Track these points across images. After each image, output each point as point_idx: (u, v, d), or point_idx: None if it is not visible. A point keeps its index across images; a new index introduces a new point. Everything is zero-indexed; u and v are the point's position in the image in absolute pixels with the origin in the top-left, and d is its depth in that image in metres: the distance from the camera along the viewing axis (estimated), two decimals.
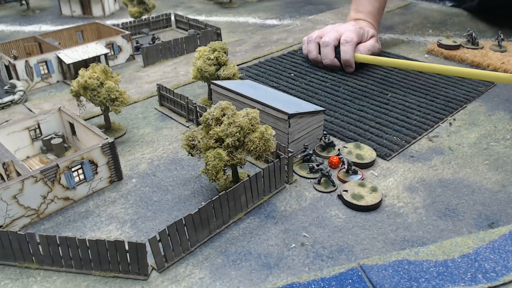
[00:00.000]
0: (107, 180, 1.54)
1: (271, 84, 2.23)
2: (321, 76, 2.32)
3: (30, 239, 1.18)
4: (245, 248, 1.27)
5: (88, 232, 1.35)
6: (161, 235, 1.17)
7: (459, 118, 1.89)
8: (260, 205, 1.43)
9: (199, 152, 1.37)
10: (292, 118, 1.55)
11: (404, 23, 3.17)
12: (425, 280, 1.14)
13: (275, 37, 2.95)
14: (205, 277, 1.18)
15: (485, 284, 1.12)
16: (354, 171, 1.53)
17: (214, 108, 1.34)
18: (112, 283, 1.17)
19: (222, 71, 1.91)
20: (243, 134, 1.32)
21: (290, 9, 3.64)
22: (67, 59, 2.29)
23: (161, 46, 2.57)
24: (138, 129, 1.90)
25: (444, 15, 3.33)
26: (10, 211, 1.32)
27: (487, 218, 1.35)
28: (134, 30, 3.02)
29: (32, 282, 1.18)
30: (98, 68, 1.72)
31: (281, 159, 1.45)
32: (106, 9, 3.57)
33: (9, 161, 1.41)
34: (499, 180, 1.51)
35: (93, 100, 1.72)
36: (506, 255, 1.20)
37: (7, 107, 2.09)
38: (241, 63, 2.53)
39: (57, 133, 1.71)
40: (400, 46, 2.73)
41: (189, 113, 1.91)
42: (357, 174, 1.53)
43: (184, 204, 1.45)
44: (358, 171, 1.54)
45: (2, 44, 2.48)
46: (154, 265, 1.20)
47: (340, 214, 1.38)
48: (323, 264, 1.21)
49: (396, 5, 3.57)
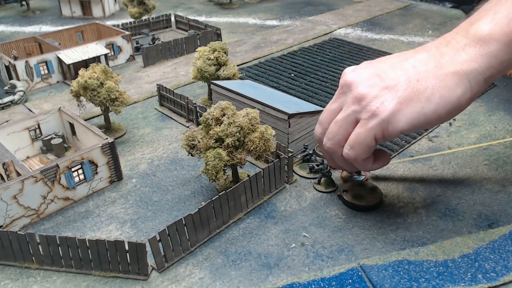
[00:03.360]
0: (107, 180, 1.54)
1: (271, 84, 2.23)
2: (321, 76, 2.32)
3: (30, 239, 1.18)
4: (245, 248, 1.27)
5: (88, 232, 1.34)
6: (161, 235, 1.17)
7: (459, 118, 1.89)
8: (260, 205, 1.43)
9: (199, 152, 1.37)
10: (292, 118, 1.55)
11: (404, 24, 3.17)
12: (425, 280, 1.14)
13: (275, 37, 2.95)
14: (205, 277, 1.18)
15: (485, 284, 1.12)
16: (357, 171, 1.53)
17: (214, 108, 1.34)
18: (112, 283, 1.17)
19: (222, 71, 1.91)
20: (243, 134, 1.32)
21: (290, 10, 3.64)
22: (67, 59, 2.29)
23: (161, 47, 2.57)
24: (138, 129, 1.90)
25: (443, 16, 3.33)
26: (10, 211, 1.32)
27: (487, 218, 1.35)
28: (134, 31, 3.02)
29: (32, 282, 1.18)
30: (98, 68, 1.72)
31: (281, 159, 1.45)
32: (106, 9, 3.57)
33: (9, 161, 1.41)
34: (499, 180, 1.51)
35: (93, 100, 1.72)
36: (506, 255, 1.20)
37: (7, 107, 2.09)
38: (241, 63, 2.53)
39: (57, 133, 1.71)
40: (400, 47, 2.73)
41: (189, 113, 1.91)
42: (361, 175, 1.52)
43: (184, 204, 1.45)
44: (362, 172, 1.54)
45: (2, 44, 2.48)
46: (154, 265, 1.20)
47: (340, 214, 1.38)
48: (323, 264, 1.20)
49: (396, 6, 3.58)
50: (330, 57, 2.58)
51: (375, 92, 1.11)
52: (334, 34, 3.00)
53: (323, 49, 2.70)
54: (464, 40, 1.11)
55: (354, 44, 2.77)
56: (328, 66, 2.45)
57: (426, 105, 1.08)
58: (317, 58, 2.57)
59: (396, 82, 1.11)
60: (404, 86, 1.10)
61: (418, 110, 1.09)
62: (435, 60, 1.12)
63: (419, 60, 1.14)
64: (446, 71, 1.09)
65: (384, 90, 1.11)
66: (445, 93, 1.08)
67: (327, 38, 2.91)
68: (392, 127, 1.10)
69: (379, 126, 1.10)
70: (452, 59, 1.10)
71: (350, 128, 1.16)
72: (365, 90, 1.12)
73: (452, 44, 1.13)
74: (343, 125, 1.17)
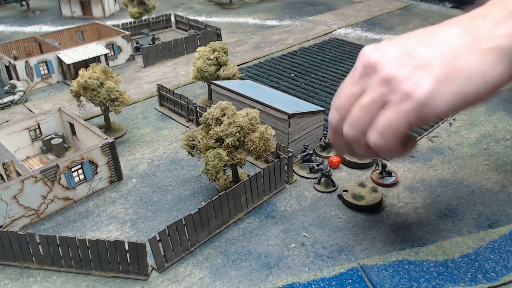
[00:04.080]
0: (107, 180, 1.54)
1: (271, 84, 2.23)
2: (321, 76, 2.32)
3: (30, 239, 1.18)
4: (245, 248, 1.27)
5: (88, 232, 1.34)
6: (161, 235, 1.17)
7: (459, 118, 1.89)
8: (260, 205, 1.43)
9: (199, 152, 1.37)
10: (292, 118, 1.55)
11: (404, 24, 3.17)
12: (425, 280, 1.14)
13: (275, 37, 2.95)
14: (205, 277, 1.18)
15: (485, 284, 1.12)
16: (388, 172, 1.51)
17: (214, 108, 1.34)
18: (112, 283, 1.17)
19: (222, 71, 1.91)
20: (243, 134, 1.32)
21: (290, 10, 3.64)
22: (67, 59, 2.29)
23: (161, 47, 2.57)
24: (138, 129, 1.90)
25: (444, 16, 3.33)
26: (10, 211, 1.32)
27: (487, 218, 1.35)
28: (134, 31, 3.02)
29: (32, 282, 1.18)
30: (98, 68, 1.72)
31: (281, 159, 1.45)
32: (106, 9, 3.57)
33: (9, 161, 1.41)
34: (499, 180, 1.51)
35: (93, 100, 1.72)
36: (506, 255, 1.20)
37: (7, 107, 2.09)
38: (241, 63, 2.53)
39: (57, 133, 1.71)
40: None
41: (189, 113, 1.91)
42: (391, 176, 1.51)
43: (184, 204, 1.45)
44: (393, 173, 1.52)
45: (2, 44, 2.48)
46: (154, 265, 1.20)
47: (340, 214, 1.38)
48: (323, 264, 1.20)
49: (396, 6, 3.57)
50: (330, 57, 2.58)
51: (406, 71, 1.00)
52: (334, 34, 3.00)
53: (323, 49, 2.70)
54: (502, 12, 1.01)
55: (354, 44, 2.77)
56: (328, 66, 2.45)
57: (466, 84, 0.99)
58: (317, 58, 2.57)
59: (430, 60, 1.00)
60: (440, 64, 1.00)
61: (458, 89, 0.99)
62: (471, 34, 1.02)
63: (451, 34, 1.03)
64: (485, 47, 0.99)
65: (417, 69, 1.00)
66: (485, 70, 0.99)
67: (327, 38, 2.91)
68: (429, 109, 0.99)
69: (414, 109, 0.99)
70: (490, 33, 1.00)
71: (377, 114, 1.04)
72: (395, 70, 1.01)
73: (489, 17, 1.03)
74: (369, 111, 1.04)
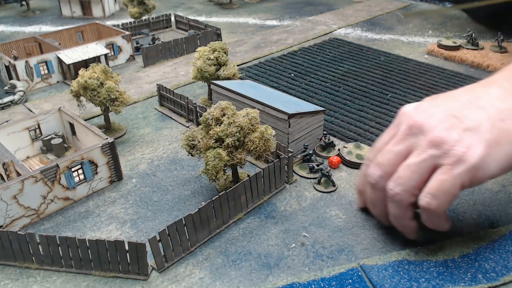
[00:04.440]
0: (107, 180, 1.54)
1: (271, 84, 2.23)
2: (321, 76, 2.32)
3: (30, 239, 1.18)
4: (245, 248, 1.27)
5: (88, 232, 1.34)
6: (161, 235, 1.17)
7: None
8: (260, 205, 1.43)
9: (199, 152, 1.37)
10: (292, 118, 1.55)
11: (404, 24, 3.17)
12: (425, 280, 1.14)
13: (275, 37, 2.95)
14: (205, 277, 1.18)
15: (485, 284, 1.12)
16: None
17: (214, 108, 1.34)
18: (112, 283, 1.17)
19: (222, 71, 1.91)
20: (243, 134, 1.32)
21: (290, 10, 3.64)
22: (67, 59, 2.29)
23: (161, 47, 2.57)
24: (138, 129, 1.90)
25: (443, 16, 3.33)
26: (10, 211, 1.32)
27: (487, 218, 1.35)
28: (134, 31, 3.02)
29: (32, 282, 1.18)
30: (98, 68, 1.72)
31: (281, 159, 1.45)
32: (106, 9, 3.57)
33: (9, 161, 1.41)
34: (499, 180, 1.51)
35: (93, 100, 1.72)
36: (506, 255, 1.20)
37: (7, 107, 2.09)
38: (241, 63, 2.53)
39: (57, 133, 1.71)
40: (400, 47, 2.73)
41: (189, 113, 1.91)
42: None
43: (184, 204, 1.45)
44: None
45: (2, 44, 2.48)
46: (154, 265, 1.20)
47: (340, 214, 1.38)
48: (323, 264, 1.20)
49: (396, 6, 3.57)
50: (330, 57, 2.58)
51: (456, 135, 1.03)
52: (334, 34, 3.00)
53: (323, 49, 2.70)
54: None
55: (354, 44, 2.77)
56: (328, 66, 2.45)
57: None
58: (317, 58, 2.57)
59: (478, 123, 1.04)
60: (488, 127, 1.03)
61: (510, 152, 1.03)
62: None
63: (494, 96, 1.08)
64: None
65: (466, 132, 1.03)
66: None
67: (327, 38, 2.91)
68: (482, 173, 1.03)
69: (467, 173, 1.02)
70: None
71: (426, 175, 1.07)
72: (444, 133, 1.04)
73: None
74: (419, 171, 1.07)
